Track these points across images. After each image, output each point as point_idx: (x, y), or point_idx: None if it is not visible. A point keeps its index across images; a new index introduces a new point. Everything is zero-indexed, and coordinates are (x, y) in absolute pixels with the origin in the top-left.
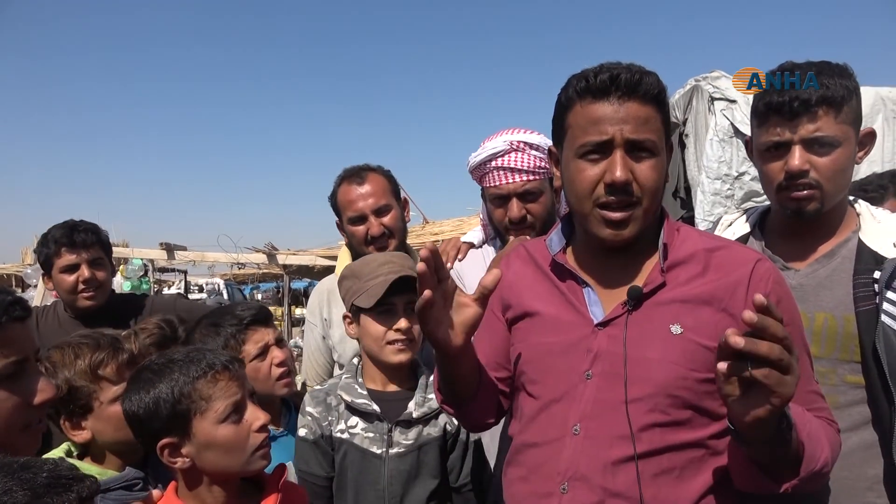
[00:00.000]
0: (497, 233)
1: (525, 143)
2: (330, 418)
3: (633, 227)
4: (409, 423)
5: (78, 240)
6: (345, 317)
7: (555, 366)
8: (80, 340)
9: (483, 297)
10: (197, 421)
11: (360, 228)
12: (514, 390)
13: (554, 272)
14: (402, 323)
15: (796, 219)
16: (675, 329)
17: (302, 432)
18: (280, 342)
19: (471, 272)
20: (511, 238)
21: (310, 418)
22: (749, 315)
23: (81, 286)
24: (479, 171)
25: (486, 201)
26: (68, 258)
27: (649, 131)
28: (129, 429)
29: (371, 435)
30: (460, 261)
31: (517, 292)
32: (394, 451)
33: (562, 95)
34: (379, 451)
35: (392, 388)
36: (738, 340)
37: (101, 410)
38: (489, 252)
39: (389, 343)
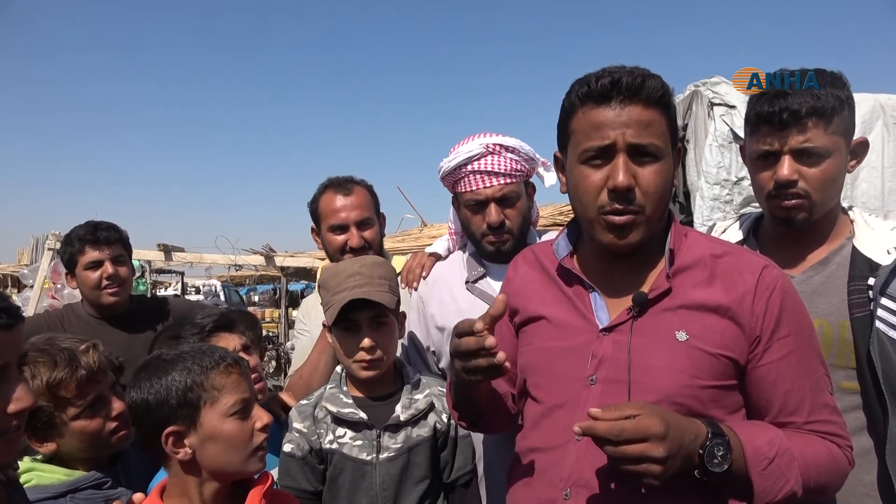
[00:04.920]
0: (473, 240)
1: (500, 146)
2: (319, 431)
3: (637, 232)
4: (397, 427)
5: (101, 237)
6: (324, 325)
7: (559, 370)
8: (36, 357)
9: (493, 325)
10: (205, 411)
11: (340, 238)
12: (519, 395)
13: (560, 277)
14: (365, 342)
15: (786, 227)
16: (681, 336)
17: (287, 448)
18: (247, 349)
19: (437, 287)
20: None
21: (297, 434)
22: (576, 429)
23: (106, 282)
24: (454, 177)
25: (458, 209)
26: (92, 255)
27: (652, 135)
28: (133, 420)
29: (360, 443)
30: (425, 278)
31: (524, 297)
32: (384, 455)
33: (565, 101)
34: (369, 458)
35: (377, 392)
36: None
37: (65, 428)
38: (458, 260)
39: (356, 362)
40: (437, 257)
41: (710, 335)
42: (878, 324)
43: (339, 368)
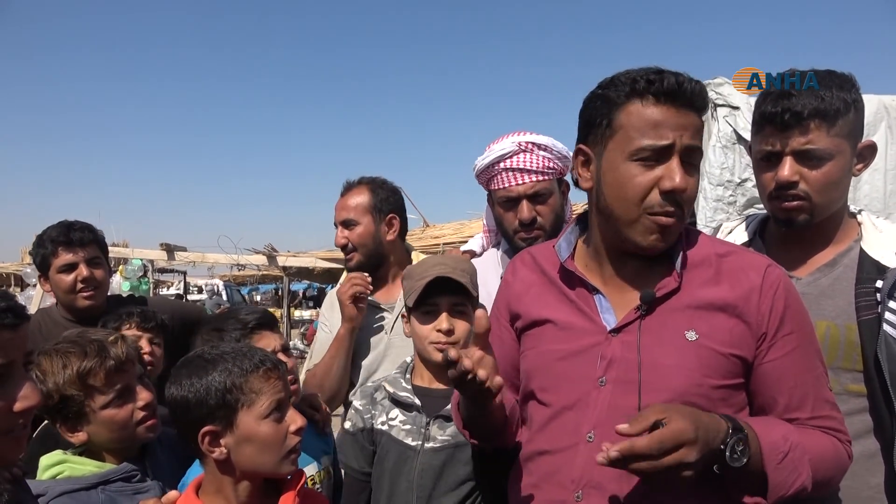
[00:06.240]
0: (506, 237)
1: (533, 144)
2: (373, 412)
3: (675, 234)
4: (448, 419)
5: (75, 238)
6: (403, 315)
7: (567, 373)
8: (68, 348)
9: (484, 341)
10: (242, 413)
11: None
12: (523, 399)
13: (562, 279)
14: (443, 323)
15: (787, 228)
16: (690, 335)
17: (347, 424)
18: (287, 350)
19: None
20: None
21: (354, 411)
22: (613, 453)
23: (80, 285)
24: (487, 174)
25: (492, 206)
26: (66, 257)
27: (699, 139)
28: (171, 416)
29: (409, 427)
30: None
31: (526, 302)
32: (429, 445)
33: (609, 92)
34: (414, 444)
35: (438, 385)
36: (612, 454)
37: (94, 416)
38: (493, 257)
39: (432, 343)
40: (471, 254)
41: (720, 334)
42: (885, 327)
43: (408, 359)
